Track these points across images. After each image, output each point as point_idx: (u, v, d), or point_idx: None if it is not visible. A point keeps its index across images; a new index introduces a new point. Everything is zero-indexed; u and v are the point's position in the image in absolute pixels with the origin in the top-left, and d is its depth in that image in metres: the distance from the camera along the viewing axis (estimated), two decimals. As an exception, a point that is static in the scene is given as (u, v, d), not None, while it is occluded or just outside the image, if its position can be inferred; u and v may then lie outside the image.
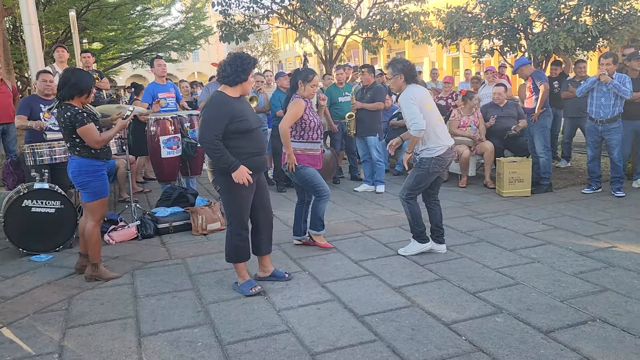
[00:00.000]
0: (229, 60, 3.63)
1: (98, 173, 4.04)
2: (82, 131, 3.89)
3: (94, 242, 4.11)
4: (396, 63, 4.41)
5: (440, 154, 4.32)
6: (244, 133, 3.60)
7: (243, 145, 3.62)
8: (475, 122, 7.30)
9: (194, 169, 6.59)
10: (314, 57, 18.77)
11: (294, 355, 2.92)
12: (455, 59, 26.02)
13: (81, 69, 4.36)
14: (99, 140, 3.97)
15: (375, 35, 13.44)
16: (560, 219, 5.41)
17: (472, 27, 8.53)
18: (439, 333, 3.10)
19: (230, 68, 3.58)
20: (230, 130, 3.55)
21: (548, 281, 3.80)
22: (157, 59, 6.78)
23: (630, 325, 3.10)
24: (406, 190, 4.47)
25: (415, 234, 4.50)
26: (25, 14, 6.43)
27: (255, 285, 3.80)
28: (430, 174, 4.38)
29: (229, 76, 3.60)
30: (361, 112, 6.93)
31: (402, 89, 4.41)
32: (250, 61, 3.63)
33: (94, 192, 4.04)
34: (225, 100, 3.60)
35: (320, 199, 4.64)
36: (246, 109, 3.69)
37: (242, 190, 3.64)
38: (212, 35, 18.92)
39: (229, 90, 3.64)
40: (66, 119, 3.89)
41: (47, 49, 11.12)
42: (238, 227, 3.74)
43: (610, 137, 6.19)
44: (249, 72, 3.61)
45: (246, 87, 3.68)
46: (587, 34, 7.42)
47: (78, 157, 3.99)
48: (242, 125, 3.58)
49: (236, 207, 3.72)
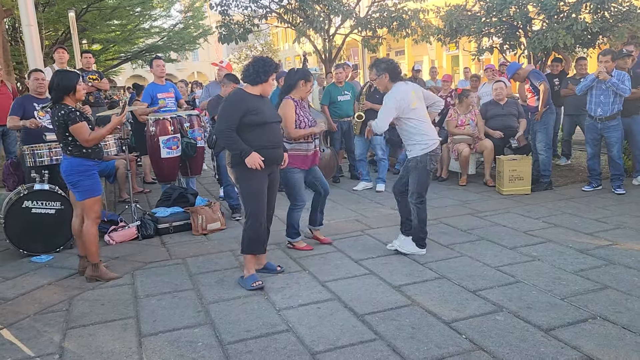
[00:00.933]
0: (252, 61, 3.93)
1: (89, 172, 4.07)
2: (74, 129, 3.94)
3: (91, 242, 4.11)
4: (379, 63, 4.45)
5: (432, 148, 4.35)
6: (258, 126, 3.82)
7: (257, 137, 3.81)
8: (473, 119, 7.30)
9: (194, 169, 6.59)
10: (314, 57, 18.76)
11: (294, 355, 2.92)
12: (455, 57, 25.99)
13: (64, 69, 4.40)
14: (89, 139, 4.01)
15: (375, 34, 13.43)
16: (560, 216, 5.41)
17: (471, 25, 8.53)
18: (439, 332, 3.10)
19: (252, 68, 3.87)
20: (245, 123, 3.78)
21: (548, 279, 3.80)
22: (155, 60, 6.79)
23: (631, 322, 3.10)
24: (415, 195, 4.43)
25: (417, 238, 4.49)
26: (24, 15, 6.42)
27: (257, 280, 3.88)
28: (428, 171, 4.40)
29: (250, 75, 3.88)
30: (368, 113, 6.87)
31: (388, 87, 4.44)
32: (272, 65, 3.91)
33: (85, 190, 4.07)
34: (242, 96, 3.87)
35: (294, 207, 4.67)
36: (263, 105, 3.90)
37: (251, 180, 3.84)
38: (211, 35, 18.87)
39: (250, 88, 3.90)
40: (59, 118, 3.95)
41: (47, 50, 11.13)
42: (252, 219, 3.91)
43: (609, 135, 6.18)
44: (269, 75, 3.87)
45: (266, 88, 3.92)
46: (586, 32, 7.42)
47: (70, 157, 4.03)
48: (256, 118, 3.80)
49: (251, 200, 3.90)
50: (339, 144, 7.94)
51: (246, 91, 3.90)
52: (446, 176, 7.52)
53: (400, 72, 4.53)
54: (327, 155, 7.31)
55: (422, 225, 4.47)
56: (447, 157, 7.43)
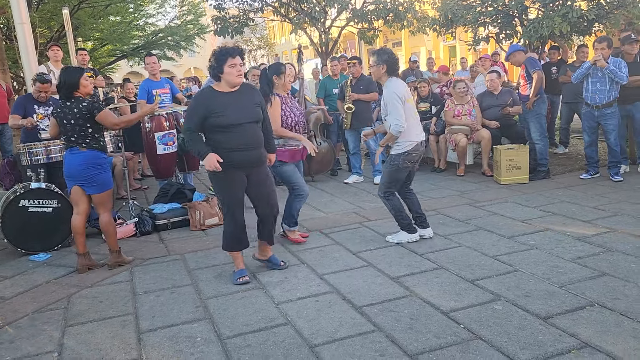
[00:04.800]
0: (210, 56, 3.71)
1: (104, 165, 4.23)
2: (103, 116, 4.11)
3: (112, 232, 4.33)
4: (382, 53, 4.41)
5: (408, 149, 4.36)
6: (224, 128, 3.63)
7: (222, 140, 3.66)
8: (470, 110, 7.28)
9: (191, 165, 6.58)
10: (310, 50, 18.70)
11: (293, 348, 2.92)
12: (452, 48, 25.91)
13: (68, 67, 4.41)
14: (117, 122, 4.27)
15: (371, 26, 13.39)
16: (558, 205, 5.41)
17: (466, 14, 8.50)
18: (438, 322, 3.10)
19: (209, 64, 3.69)
20: (210, 124, 3.64)
21: (546, 267, 3.81)
22: (147, 57, 6.72)
23: (628, 309, 3.11)
24: (383, 188, 4.53)
25: (402, 226, 4.54)
26: (16, 13, 6.39)
27: (244, 276, 3.88)
28: (400, 170, 4.43)
29: (210, 71, 3.72)
30: (356, 104, 6.89)
31: (381, 79, 4.43)
32: (223, 52, 3.61)
33: (102, 183, 4.20)
34: (205, 95, 3.73)
35: (296, 197, 4.63)
36: (232, 104, 3.65)
37: (220, 180, 3.75)
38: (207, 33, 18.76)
39: (216, 84, 3.75)
40: (82, 109, 4.05)
41: (41, 48, 11.08)
42: (227, 218, 3.88)
43: (606, 123, 6.16)
44: (223, 63, 3.60)
45: (227, 78, 3.64)
46: (582, 19, 7.39)
47: (86, 150, 4.10)
48: (219, 120, 3.61)
49: (223, 199, 3.86)
50: (336, 136, 7.93)
51: (214, 89, 3.72)
52: (444, 167, 7.51)
53: (398, 69, 4.49)
54: (324, 148, 7.28)
55: (399, 213, 4.52)
56: (445, 147, 7.42)
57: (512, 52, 6.61)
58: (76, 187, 4.19)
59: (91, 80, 7.54)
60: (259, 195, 3.94)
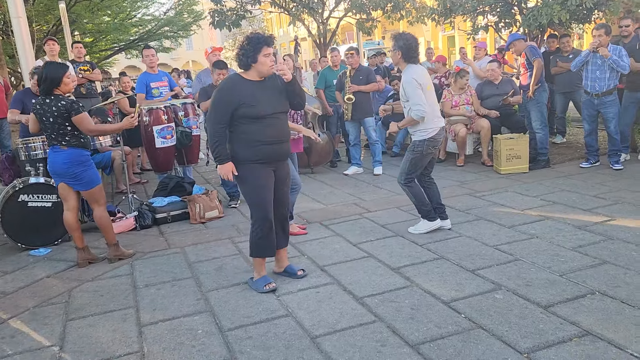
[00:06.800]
0: (239, 43, 3.48)
1: (88, 162, 4.17)
2: (79, 119, 3.97)
3: (107, 226, 4.32)
4: (399, 38, 4.34)
5: (432, 135, 4.35)
6: (254, 119, 3.39)
7: (252, 131, 3.41)
8: (468, 100, 7.25)
9: (190, 158, 6.56)
10: (308, 41, 18.61)
11: (294, 339, 2.93)
12: (451, 38, 25.82)
13: (52, 61, 4.37)
14: (92, 129, 4.12)
15: (369, 16, 13.32)
16: (558, 194, 5.40)
17: (465, 3, 8.45)
18: (439, 312, 3.10)
19: (240, 51, 3.44)
20: (239, 115, 3.38)
21: (547, 256, 3.80)
22: (145, 49, 6.70)
23: (629, 296, 3.10)
24: (404, 175, 4.48)
25: (423, 213, 4.52)
26: (12, 7, 6.34)
27: (270, 282, 3.59)
28: (425, 156, 4.40)
29: (240, 60, 3.46)
30: (356, 95, 6.86)
31: (400, 65, 4.43)
32: (258, 40, 3.38)
33: (89, 180, 4.15)
34: (234, 83, 3.45)
35: (290, 190, 4.59)
36: (262, 93, 3.44)
37: (251, 178, 3.48)
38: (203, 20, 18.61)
39: (245, 73, 3.48)
40: (60, 107, 3.95)
41: (38, 43, 11.02)
42: (258, 222, 3.54)
43: (606, 111, 6.14)
44: (258, 52, 3.35)
45: (260, 68, 3.40)
46: (581, 7, 7.33)
47: (67, 148, 4.03)
48: (251, 111, 3.37)
49: (253, 202, 3.54)
50: (335, 128, 7.91)
51: (242, 77, 3.46)
52: (444, 157, 7.50)
53: (415, 56, 4.34)
54: (324, 140, 7.27)
55: (421, 200, 4.49)
56: (445, 138, 7.39)
57: (512, 41, 6.58)
58: (62, 184, 4.16)
59: (87, 73, 7.59)
60: (280, 193, 3.66)
